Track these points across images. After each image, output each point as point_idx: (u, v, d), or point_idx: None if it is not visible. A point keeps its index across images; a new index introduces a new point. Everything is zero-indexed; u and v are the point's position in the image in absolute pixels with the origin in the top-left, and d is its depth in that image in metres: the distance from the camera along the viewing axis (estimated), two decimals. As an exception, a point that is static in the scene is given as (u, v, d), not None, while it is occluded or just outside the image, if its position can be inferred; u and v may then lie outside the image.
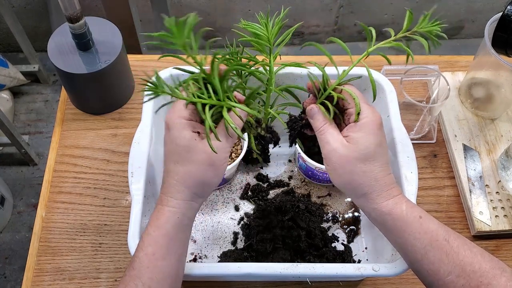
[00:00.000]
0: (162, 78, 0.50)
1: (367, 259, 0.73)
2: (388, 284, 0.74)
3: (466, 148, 0.84)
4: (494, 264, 0.48)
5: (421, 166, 0.83)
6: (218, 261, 0.73)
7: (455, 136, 0.85)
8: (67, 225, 0.76)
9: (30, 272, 0.73)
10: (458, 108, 0.89)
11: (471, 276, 0.48)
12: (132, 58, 0.92)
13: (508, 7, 0.71)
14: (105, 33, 0.83)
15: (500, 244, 0.77)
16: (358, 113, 0.52)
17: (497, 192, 0.80)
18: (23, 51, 1.77)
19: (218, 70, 0.51)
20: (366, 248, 0.75)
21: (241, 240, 0.75)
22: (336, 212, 0.79)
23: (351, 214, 0.78)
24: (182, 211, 0.53)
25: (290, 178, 0.82)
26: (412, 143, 0.67)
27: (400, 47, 0.53)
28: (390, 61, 0.55)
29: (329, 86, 0.55)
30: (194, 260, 0.74)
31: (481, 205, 0.78)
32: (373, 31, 0.53)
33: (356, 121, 0.52)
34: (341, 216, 0.78)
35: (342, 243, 0.75)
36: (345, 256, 0.72)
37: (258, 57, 0.62)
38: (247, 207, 0.79)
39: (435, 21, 0.53)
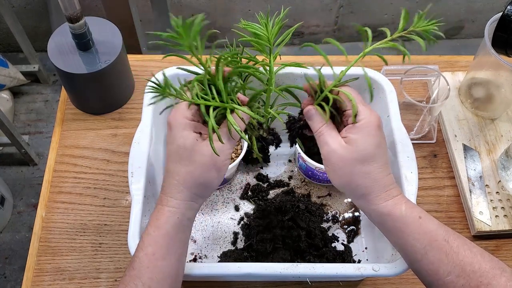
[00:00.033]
0: (168, 79, 0.50)
1: (367, 259, 0.73)
2: (388, 284, 0.74)
3: (466, 148, 0.84)
4: (494, 264, 0.48)
5: (421, 166, 0.83)
6: (218, 261, 0.73)
7: (455, 136, 0.85)
8: (67, 225, 0.76)
9: (30, 272, 0.73)
10: (458, 108, 0.89)
11: (471, 276, 0.48)
12: (132, 58, 0.92)
13: (508, 7, 0.71)
14: (105, 33, 0.83)
15: (500, 244, 0.77)
16: (356, 115, 0.52)
17: (497, 192, 0.80)
18: (23, 51, 1.77)
19: (223, 72, 0.52)
20: (366, 248, 0.75)
21: (241, 240, 0.75)
22: (336, 212, 0.79)
23: (351, 214, 0.78)
24: (182, 211, 0.53)
25: (290, 178, 0.82)
26: (412, 143, 0.67)
27: (400, 47, 0.53)
28: (387, 62, 0.54)
29: (326, 88, 0.54)
30: (194, 260, 0.74)
31: (481, 205, 0.78)
32: (369, 31, 0.52)
33: (354, 123, 0.52)
34: (341, 216, 0.78)
35: (342, 243, 0.75)
36: (345, 256, 0.72)
37: (258, 57, 0.62)
38: (247, 207, 0.79)
39: (431, 20, 0.52)
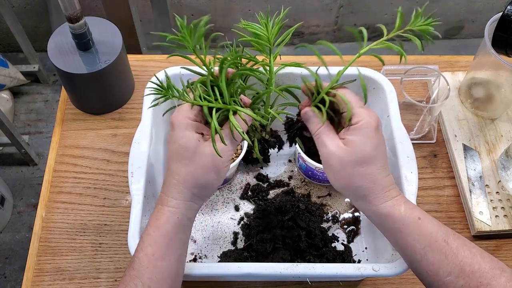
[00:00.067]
0: (171, 81, 0.50)
1: (367, 259, 0.73)
2: (388, 284, 0.74)
3: (466, 148, 0.84)
4: (494, 265, 0.48)
5: (421, 166, 0.83)
6: (218, 261, 0.73)
7: (455, 136, 0.85)
8: (67, 225, 0.76)
9: (30, 272, 0.73)
10: (458, 108, 0.89)
11: (471, 277, 0.48)
12: (132, 58, 0.92)
13: (508, 7, 0.71)
14: (105, 33, 0.83)
15: (500, 244, 0.77)
16: (350, 119, 0.51)
17: (497, 192, 0.79)
18: (23, 51, 1.77)
19: (226, 74, 0.52)
20: (366, 248, 0.75)
21: (241, 240, 0.75)
22: (336, 212, 0.79)
23: (351, 214, 0.78)
24: (182, 212, 0.53)
25: (290, 178, 0.82)
26: (412, 143, 0.67)
27: (398, 46, 0.52)
28: (383, 62, 0.54)
29: (322, 90, 0.54)
30: (194, 260, 0.74)
31: (481, 205, 0.78)
32: (364, 32, 0.52)
33: (350, 125, 0.51)
34: (341, 216, 0.78)
35: (342, 243, 0.75)
36: (345, 256, 0.72)
37: (258, 57, 0.62)
38: (247, 207, 0.79)
39: (428, 19, 0.52)
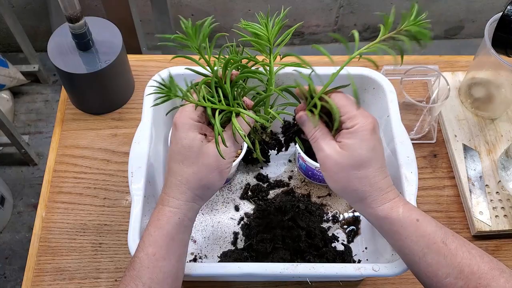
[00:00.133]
0: (174, 81, 0.50)
1: (367, 259, 0.73)
2: (388, 284, 0.74)
3: (466, 148, 0.84)
4: (493, 265, 0.48)
5: (421, 166, 0.83)
6: (218, 261, 0.73)
7: (455, 136, 0.85)
8: (67, 225, 0.76)
9: (30, 272, 0.73)
10: (458, 108, 0.89)
11: (470, 278, 0.48)
12: (132, 58, 0.92)
13: (508, 7, 0.71)
14: (105, 33, 0.83)
15: (500, 244, 0.77)
16: (341, 123, 0.52)
17: (497, 192, 0.79)
18: (23, 51, 1.77)
19: (230, 76, 0.52)
20: (366, 248, 0.75)
21: (241, 240, 0.75)
22: (336, 212, 0.79)
23: (351, 214, 0.78)
24: (183, 212, 0.53)
25: (290, 178, 0.82)
26: (412, 143, 0.67)
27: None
28: (377, 65, 0.54)
29: (316, 94, 0.54)
30: (194, 260, 0.74)
31: (481, 205, 0.78)
32: (356, 35, 0.52)
33: (346, 129, 0.51)
34: (341, 216, 0.78)
35: (342, 243, 0.75)
36: (345, 256, 0.72)
37: (258, 57, 0.62)
38: (247, 207, 0.79)
39: (416, 20, 0.50)
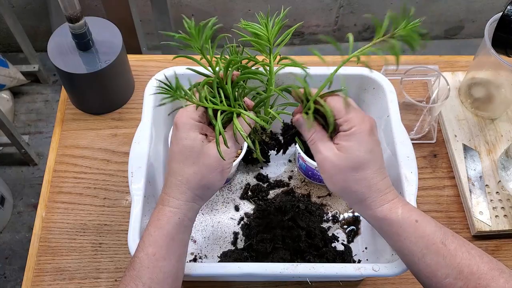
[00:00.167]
0: (179, 81, 0.51)
1: (367, 259, 0.73)
2: (388, 284, 0.74)
3: (466, 148, 0.84)
4: (493, 266, 0.48)
5: (421, 166, 0.83)
6: (218, 261, 0.73)
7: (455, 136, 0.85)
8: (67, 225, 0.76)
9: (30, 272, 0.73)
10: (458, 108, 0.89)
11: (469, 278, 0.48)
12: (132, 58, 0.92)
13: (508, 7, 0.71)
14: (105, 33, 0.83)
15: (500, 244, 0.77)
16: (332, 131, 0.52)
17: (497, 192, 0.79)
18: (23, 51, 1.77)
19: (231, 77, 0.52)
20: (366, 248, 0.75)
21: (241, 240, 0.75)
22: (336, 212, 0.79)
23: (351, 214, 0.78)
24: (183, 212, 0.53)
25: (290, 178, 0.82)
26: (412, 143, 0.67)
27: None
28: (371, 68, 0.54)
29: (311, 97, 0.53)
30: (194, 260, 0.74)
31: (481, 205, 0.78)
32: (351, 37, 0.52)
33: (343, 131, 0.51)
34: (341, 216, 0.78)
35: (342, 243, 0.75)
36: (345, 256, 0.72)
37: (258, 57, 0.62)
38: (247, 207, 0.79)
39: (408, 24, 0.49)
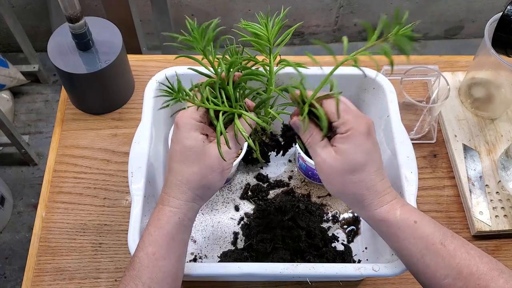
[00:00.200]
0: (181, 84, 0.51)
1: (367, 259, 0.73)
2: (388, 284, 0.74)
3: (466, 148, 0.84)
4: (492, 266, 0.48)
5: (421, 166, 0.83)
6: (218, 261, 0.73)
7: (455, 136, 0.85)
8: (67, 225, 0.76)
9: (30, 272, 0.73)
10: (458, 108, 0.89)
11: (468, 279, 0.48)
12: (132, 58, 0.92)
13: (508, 7, 0.71)
14: (105, 33, 0.83)
15: (500, 244, 0.77)
16: (326, 134, 0.51)
17: (497, 192, 0.79)
18: (23, 51, 1.77)
19: (233, 78, 0.52)
20: (366, 248, 0.75)
21: (241, 240, 0.75)
22: (336, 212, 0.79)
23: (351, 214, 0.78)
24: (183, 212, 0.53)
25: (290, 178, 0.82)
26: (412, 143, 0.67)
27: (372, 57, 0.50)
28: (365, 74, 0.54)
29: (307, 100, 0.53)
30: (194, 260, 0.74)
31: (481, 205, 0.78)
32: (345, 40, 0.51)
33: (340, 134, 0.51)
34: (341, 216, 0.78)
35: (342, 243, 0.75)
36: (345, 256, 0.72)
37: (258, 57, 0.62)
38: (247, 207, 0.79)
39: (400, 29, 0.48)
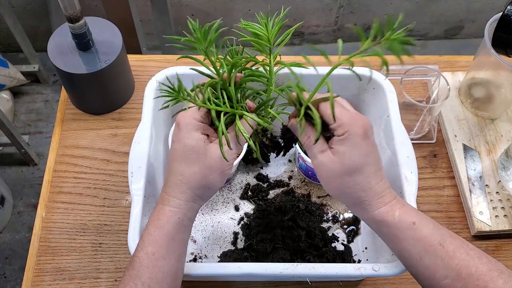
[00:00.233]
0: (182, 84, 0.51)
1: (367, 259, 0.73)
2: (388, 284, 0.74)
3: (466, 148, 0.84)
4: (492, 266, 0.48)
5: (421, 166, 0.83)
6: (218, 261, 0.73)
7: (455, 136, 0.85)
8: (67, 225, 0.76)
9: (30, 272, 0.73)
10: (458, 108, 0.89)
11: (467, 280, 0.48)
12: (132, 58, 0.92)
13: (508, 7, 0.71)
14: (105, 33, 0.83)
15: (500, 244, 0.77)
16: (317, 139, 0.51)
17: (497, 192, 0.79)
18: (23, 51, 1.76)
19: (235, 79, 0.52)
20: (366, 248, 0.75)
21: (241, 240, 0.75)
22: (336, 212, 0.79)
23: (351, 214, 0.78)
24: (183, 212, 0.53)
25: (290, 178, 0.82)
26: (412, 143, 0.67)
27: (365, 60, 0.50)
28: (360, 78, 0.54)
29: (304, 102, 0.52)
30: (194, 260, 0.74)
31: (481, 205, 0.78)
32: (340, 42, 0.51)
33: (337, 136, 0.50)
34: (341, 216, 0.78)
35: (342, 243, 0.75)
36: (345, 256, 0.72)
37: (258, 57, 0.62)
38: (247, 207, 0.79)
39: (394, 33, 0.48)
